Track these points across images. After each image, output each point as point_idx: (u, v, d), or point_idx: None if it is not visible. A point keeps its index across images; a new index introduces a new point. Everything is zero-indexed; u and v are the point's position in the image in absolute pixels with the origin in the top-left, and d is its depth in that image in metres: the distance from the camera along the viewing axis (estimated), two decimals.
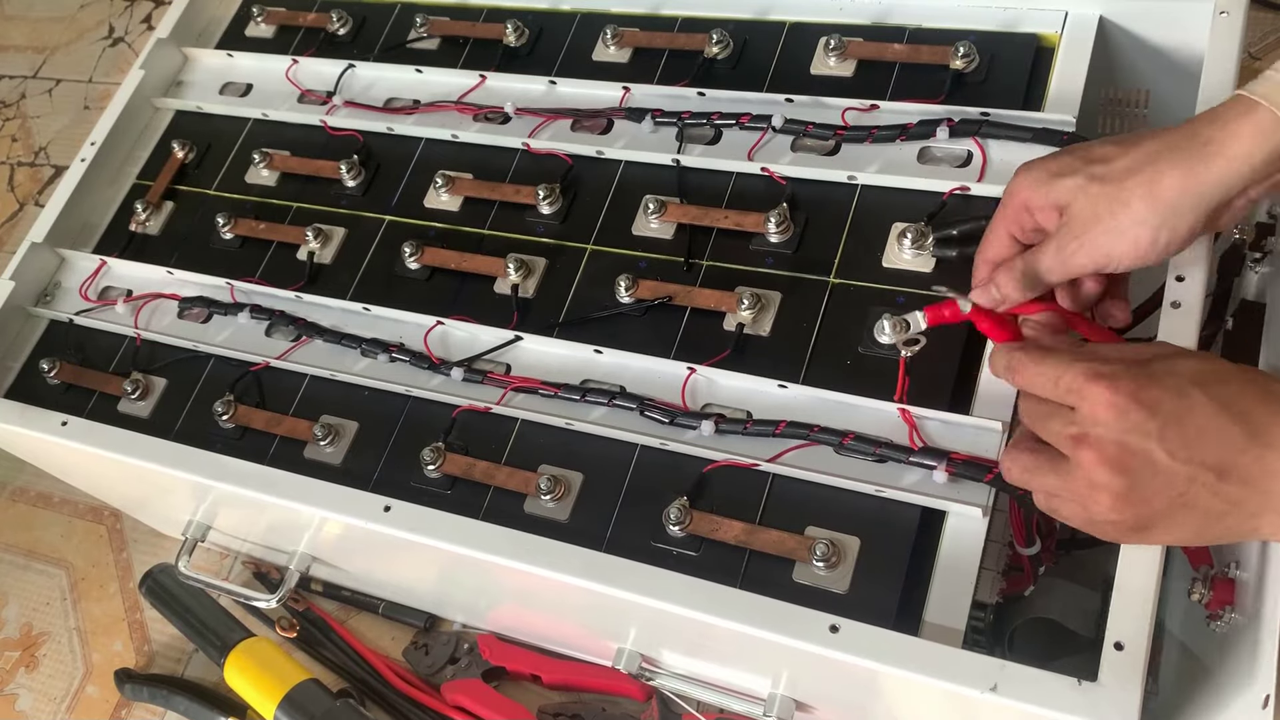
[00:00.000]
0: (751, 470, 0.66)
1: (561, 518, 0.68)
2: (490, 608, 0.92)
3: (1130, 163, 0.55)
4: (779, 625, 0.59)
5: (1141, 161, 0.55)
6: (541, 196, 0.78)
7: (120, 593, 1.09)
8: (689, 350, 0.71)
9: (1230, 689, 0.55)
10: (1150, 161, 0.55)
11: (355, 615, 1.00)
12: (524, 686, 0.93)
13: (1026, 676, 0.53)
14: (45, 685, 1.06)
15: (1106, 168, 0.56)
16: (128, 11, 1.60)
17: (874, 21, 0.79)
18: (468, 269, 0.78)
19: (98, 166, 0.92)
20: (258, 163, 0.89)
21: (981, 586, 0.61)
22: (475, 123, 0.85)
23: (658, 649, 0.76)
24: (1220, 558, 0.61)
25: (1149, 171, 0.54)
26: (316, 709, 0.89)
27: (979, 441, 0.62)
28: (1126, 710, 0.51)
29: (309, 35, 0.96)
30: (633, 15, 0.86)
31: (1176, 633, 0.68)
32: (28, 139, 1.52)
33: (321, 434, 0.75)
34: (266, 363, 0.80)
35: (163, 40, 0.96)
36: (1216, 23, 0.68)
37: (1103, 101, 0.79)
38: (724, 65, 0.81)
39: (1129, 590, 0.54)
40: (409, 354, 0.76)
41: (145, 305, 0.86)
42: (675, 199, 0.76)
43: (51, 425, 0.80)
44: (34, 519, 1.17)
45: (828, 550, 0.61)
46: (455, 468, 0.71)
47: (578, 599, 0.69)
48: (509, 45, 0.87)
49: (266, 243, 0.86)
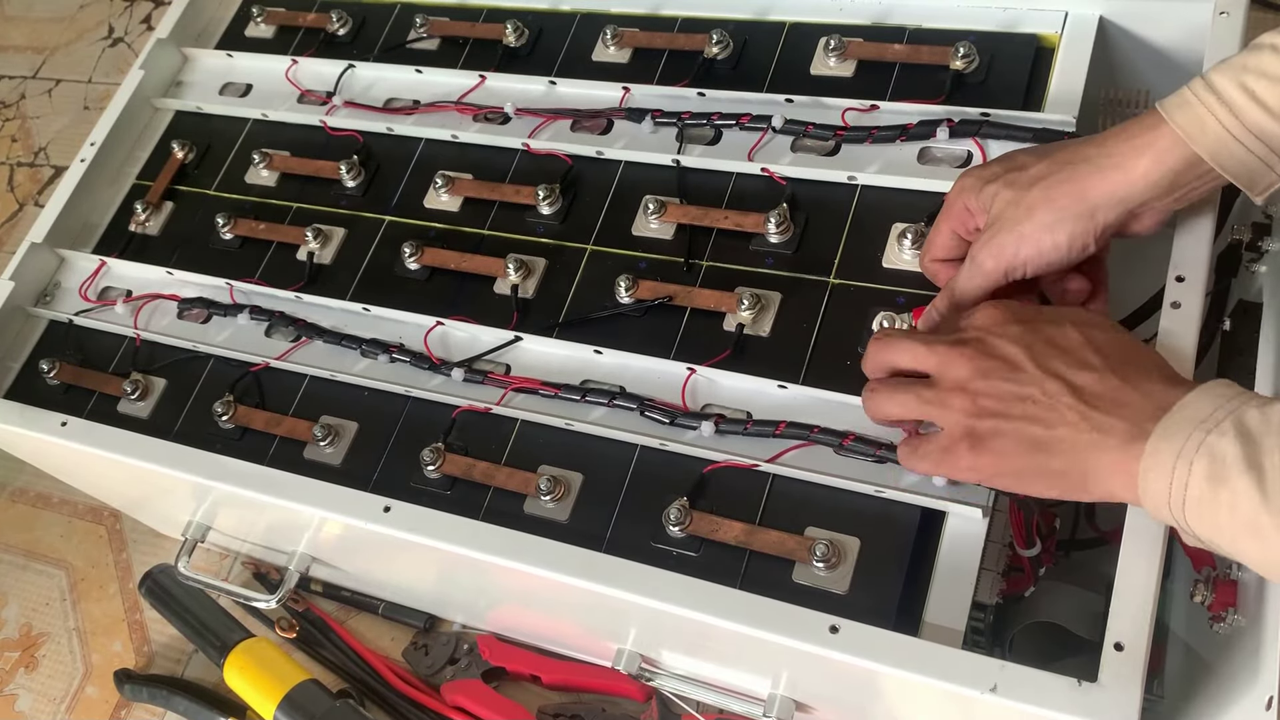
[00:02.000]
0: (751, 470, 0.66)
1: (561, 518, 0.68)
2: (490, 608, 0.92)
3: (1039, 171, 0.58)
4: (779, 625, 0.59)
5: (1048, 170, 0.58)
6: (541, 197, 0.78)
7: (120, 593, 1.09)
8: (689, 350, 0.71)
9: (1233, 690, 0.55)
10: (1056, 170, 0.57)
11: (355, 615, 1.00)
12: (524, 687, 0.92)
13: (1026, 677, 0.53)
14: (45, 686, 1.06)
15: (1020, 174, 0.58)
16: (128, 11, 1.60)
17: (874, 22, 0.79)
18: (468, 269, 0.78)
19: (98, 167, 0.92)
20: (258, 163, 0.89)
21: (981, 587, 0.61)
22: (475, 123, 0.85)
23: (658, 649, 0.76)
24: (1222, 559, 0.61)
25: (1053, 180, 0.57)
26: (316, 709, 0.89)
27: None
28: (1126, 711, 0.51)
29: (309, 35, 0.96)
30: (633, 15, 0.86)
31: (1180, 634, 0.68)
32: (28, 139, 1.52)
33: (321, 434, 0.75)
34: (266, 363, 0.80)
35: (162, 40, 0.96)
36: (1216, 23, 0.68)
37: (1103, 101, 0.79)
38: (724, 65, 0.81)
39: (1129, 591, 0.54)
40: (409, 354, 0.76)
41: (145, 305, 0.86)
42: (675, 199, 0.76)
43: (51, 425, 0.80)
44: (34, 519, 1.17)
45: (828, 551, 0.61)
46: (455, 468, 0.71)
47: (577, 599, 0.69)
48: (509, 45, 0.87)
49: (266, 243, 0.86)
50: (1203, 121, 0.54)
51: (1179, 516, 0.48)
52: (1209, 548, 0.49)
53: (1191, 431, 0.47)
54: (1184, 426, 0.48)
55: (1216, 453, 0.46)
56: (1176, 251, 0.62)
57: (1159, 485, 0.48)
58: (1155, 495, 0.48)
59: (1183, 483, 0.47)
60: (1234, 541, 0.47)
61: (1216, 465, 0.46)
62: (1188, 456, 0.47)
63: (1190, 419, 0.48)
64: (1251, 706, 0.52)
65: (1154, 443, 0.48)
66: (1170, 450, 0.47)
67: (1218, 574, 0.59)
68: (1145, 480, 0.48)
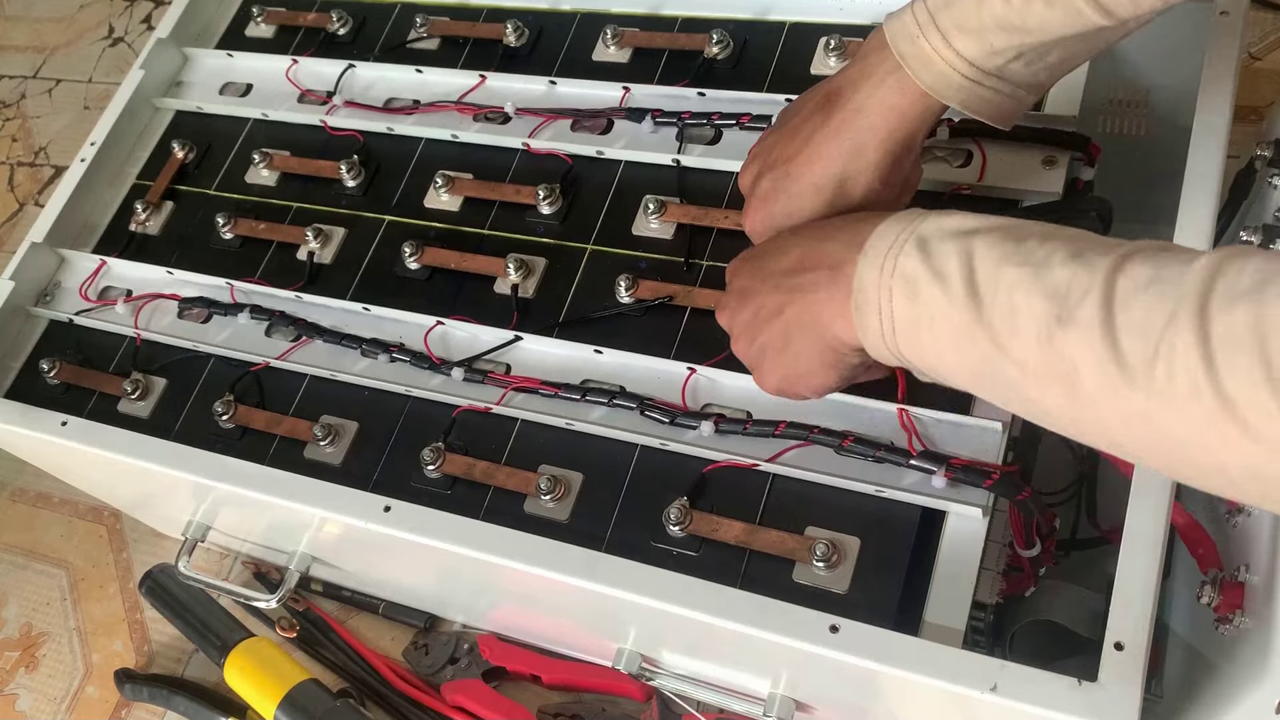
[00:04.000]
0: (751, 470, 0.66)
1: (561, 518, 0.68)
2: (490, 608, 0.92)
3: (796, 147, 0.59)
4: (779, 625, 0.59)
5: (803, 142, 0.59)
6: (541, 196, 0.78)
7: (120, 593, 1.09)
8: (689, 350, 0.71)
9: (1237, 691, 0.55)
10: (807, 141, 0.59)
11: (355, 615, 1.00)
12: (524, 686, 0.92)
13: (1026, 677, 0.53)
14: (45, 685, 1.06)
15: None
16: (128, 11, 1.60)
17: (874, 21, 0.79)
18: (468, 269, 0.78)
19: (98, 166, 0.92)
20: (258, 163, 0.89)
21: (981, 587, 0.61)
22: (475, 123, 0.85)
23: (658, 649, 0.76)
24: (1229, 561, 0.61)
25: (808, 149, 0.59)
26: (316, 709, 0.89)
27: (979, 442, 0.62)
28: (1126, 710, 0.51)
29: (309, 35, 0.96)
30: (633, 15, 0.86)
31: (1181, 634, 0.68)
32: (28, 139, 1.52)
33: (321, 434, 0.75)
34: (266, 363, 0.80)
35: (163, 40, 0.96)
36: (1216, 23, 0.68)
37: (1103, 101, 0.79)
38: (724, 65, 0.81)
39: (1129, 590, 0.54)
40: (409, 354, 0.76)
41: (145, 305, 0.86)
42: (675, 199, 0.76)
43: (51, 425, 0.80)
44: (34, 519, 1.17)
45: (828, 550, 0.61)
46: (455, 468, 0.71)
47: (578, 599, 0.69)
48: (509, 45, 0.87)
49: (266, 243, 0.86)
50: (947, 77, 0.54)
51: (894, 349, 0.48)
52: (934, 378, 0.49)
53: (883, 260, 0.48)
54: (876, 258, 0.48)
55: (906, 272, 0.47)
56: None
57: (871, 320, 0.49)
58: (871, 332, 0.49)
59: (889, 312, 0.48)
60: (941, 359, 0.47)
61: (908, 284, 0.47)
62: (886, 284, 0.47)
63: (881, 249, 0.48)
64: (1258, 708, 0.52)
65: (857, 280, 0.49)
66: (871, 282, 0.48)
67: (1224, 575, 0.59)
68: (860, 319, 0.49)
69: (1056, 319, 0.42)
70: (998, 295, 0.44)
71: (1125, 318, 0.40)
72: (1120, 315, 0.40)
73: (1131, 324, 0.40)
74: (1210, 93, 0.65)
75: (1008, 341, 0.44)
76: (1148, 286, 0.40)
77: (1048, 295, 0.42)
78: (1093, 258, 0.42)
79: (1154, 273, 0.40)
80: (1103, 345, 0.40)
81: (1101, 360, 0.40)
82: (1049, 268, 0.43)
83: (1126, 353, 0.39)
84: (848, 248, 0.50)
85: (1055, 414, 0.44)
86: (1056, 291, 0.42)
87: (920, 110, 0.56)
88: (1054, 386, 0.43)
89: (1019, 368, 0.44)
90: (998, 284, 0.44)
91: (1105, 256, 0.42)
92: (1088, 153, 0.69)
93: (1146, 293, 0.40)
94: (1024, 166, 0.69)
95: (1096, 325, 0.40)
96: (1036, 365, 0.43)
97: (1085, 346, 0.41)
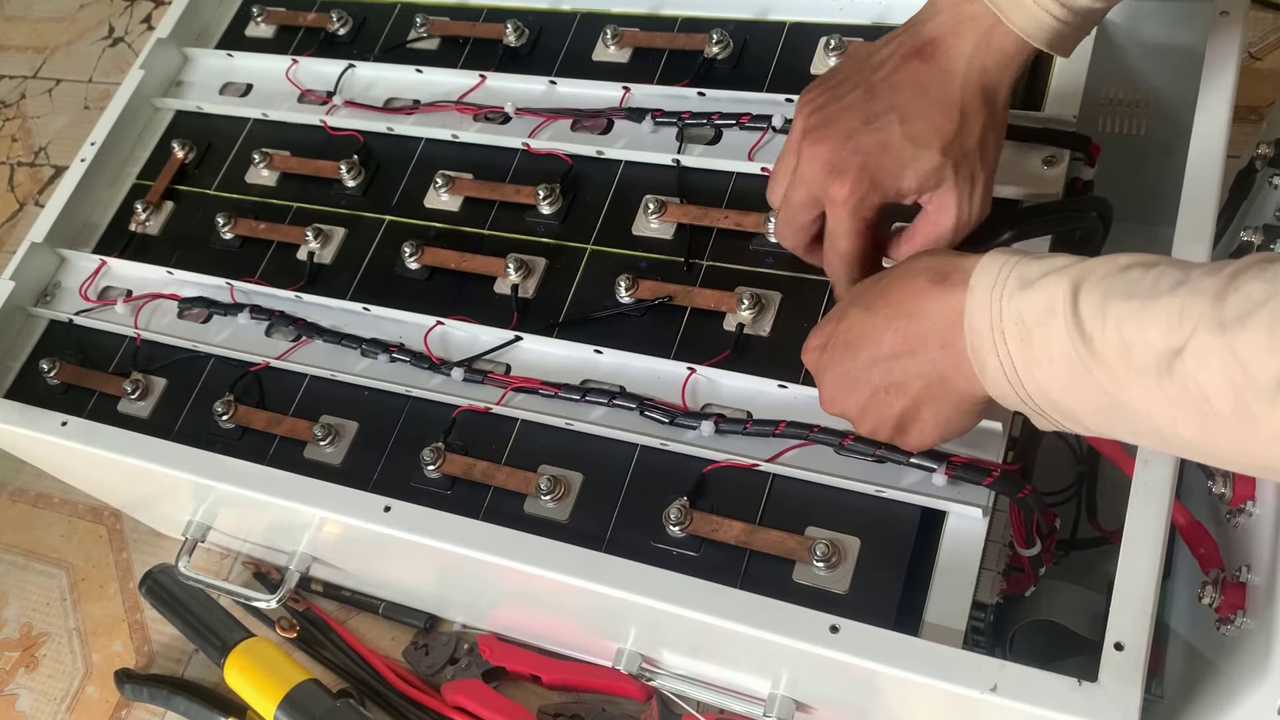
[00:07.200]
0: (751, 470, 0.66)
1: (561, 518, 0.68)
2: (490, 608, 0.92)
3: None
4: (779, 625, 0.59)
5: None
6: (541, 196, 0.78)
7: (120, 593, 1.09)
8: (689, 350, 0.71)
9: (1239, 691, 0.55)
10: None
11: (355, 615, 1.00)
12: (524, 686, 0.92)
13: (1027, 677, 0.53)
14: (45, 685, 1.06)
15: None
16: (128, 11, 1.60)
17: (874, 22, 0.79)
18: (468, 269, 0.78)
19: (98, 166, 0.92)
20: (258, 163, 0.89)
21: (982, 587, 0.61)
22: (475, 123, 0.84)
23: (658, 649, 0.76)
24: (1231, 561, 0.61)
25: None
26: (316, 709, 0.89)
27: (979, 442, 0.62)
28: (1127, 710, 0.51)
29: (309, 35, 0.96)
30: (633, 15, 0.86)
31: (1182, 634, 0.68)
32: (28, 139, 1.52)
33: (321, 434, 0.75)
34: (266, 363, 0.80)
35: (163, 40, 0.96)
36: (1216, 23, 0.68)
37: (1103, 101, 0.79)
38: (724, 65, 0.81)
39: (1129, 590, 0.54)
40: (409, 354, 0.76)
41: (145, 305, 0.86)
42: (675, 199, 0.76)
43: (51, 425, 0.80)
44: (34, 519, 1.17)
45: (828, 550, 0.61)
46: (455, 468, 0.71)
47: (578, 599, 0.69)
48: (509, 45, 0.87)
49: (266, 243, 0.86)
50: (1039, 20, 0.55)
51: (1018, 389, 0.48)
52: (1055, 422, 0.49)
53: (990, 304, 0.48)
54: (983, 303, 0.48)
55: (1020, 315, 0.47)
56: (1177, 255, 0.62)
57: (991, 363, 0.48)
58: (993, 374, 0.48)
59: (1008, 358, 0.47)
60: (1066, 396, 0.46)
61: (1020, 327, 0.46)
62: (998, 328, 0.47)
63: (984, 298, 0.48)
64: (1258, 708, 0.52)
65: (970, 344, 0.49)
66: (985, 345, 0.48)
67: (1226, 576, 0.59)
68: (980, 365, 0.49)
69: (1173, 350, 0.41)
70: (1106, 332, 0.43)
71: (1246, 338, 0.39)
72: (1240, 336, 0.39)
73: (1257, 343, 0.39)
74: (1210, 93, 0.65)
75: (1126, 378, 0.43)
76: (1265, 302, 0.39)
77: (1160, 326, 0.42)
78: (1200, 280, 0.41)
79: (1269, 288, 0.39)
80: (1229, 369, 0.40)
81: (1234, 384, 0.40)
82: (1155, 298, 0.42)
83: (1257, 374, 0.39)
84: (949, 324, 0.50)
85: (1195, 445, 0.43)
86: (1169, 321, 0.41)
87: (1018, 57, 0.56)
88: (1186, 418, 0.42)
89: (1145, 403, 0.43)
90: (1105, 319, 0.43)
91: (1212, 277, 0.41)
92: (1088, 152, 0.69)
93: (1265, 309, 0.39)
94: (1024, 166, 0.69)
95: (1216, 350, 0.40)
96: (1161, 399, 0.42)
97: (1210, 373, 0.40)
